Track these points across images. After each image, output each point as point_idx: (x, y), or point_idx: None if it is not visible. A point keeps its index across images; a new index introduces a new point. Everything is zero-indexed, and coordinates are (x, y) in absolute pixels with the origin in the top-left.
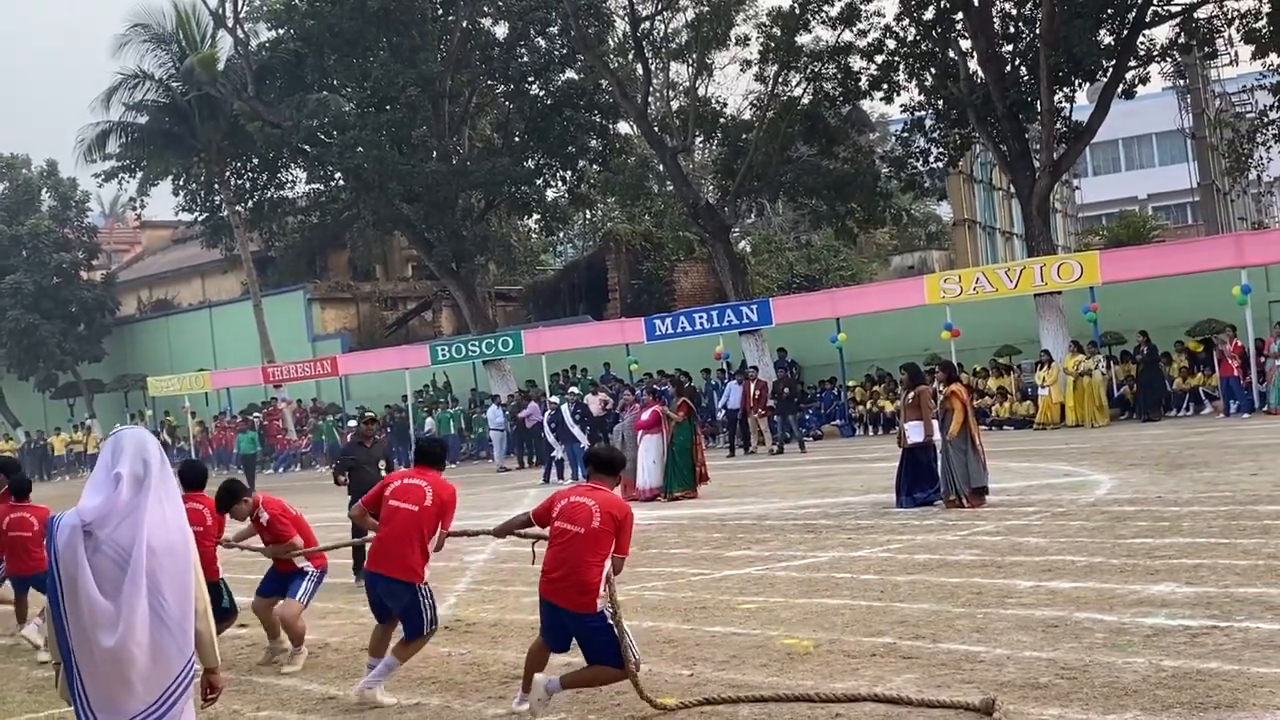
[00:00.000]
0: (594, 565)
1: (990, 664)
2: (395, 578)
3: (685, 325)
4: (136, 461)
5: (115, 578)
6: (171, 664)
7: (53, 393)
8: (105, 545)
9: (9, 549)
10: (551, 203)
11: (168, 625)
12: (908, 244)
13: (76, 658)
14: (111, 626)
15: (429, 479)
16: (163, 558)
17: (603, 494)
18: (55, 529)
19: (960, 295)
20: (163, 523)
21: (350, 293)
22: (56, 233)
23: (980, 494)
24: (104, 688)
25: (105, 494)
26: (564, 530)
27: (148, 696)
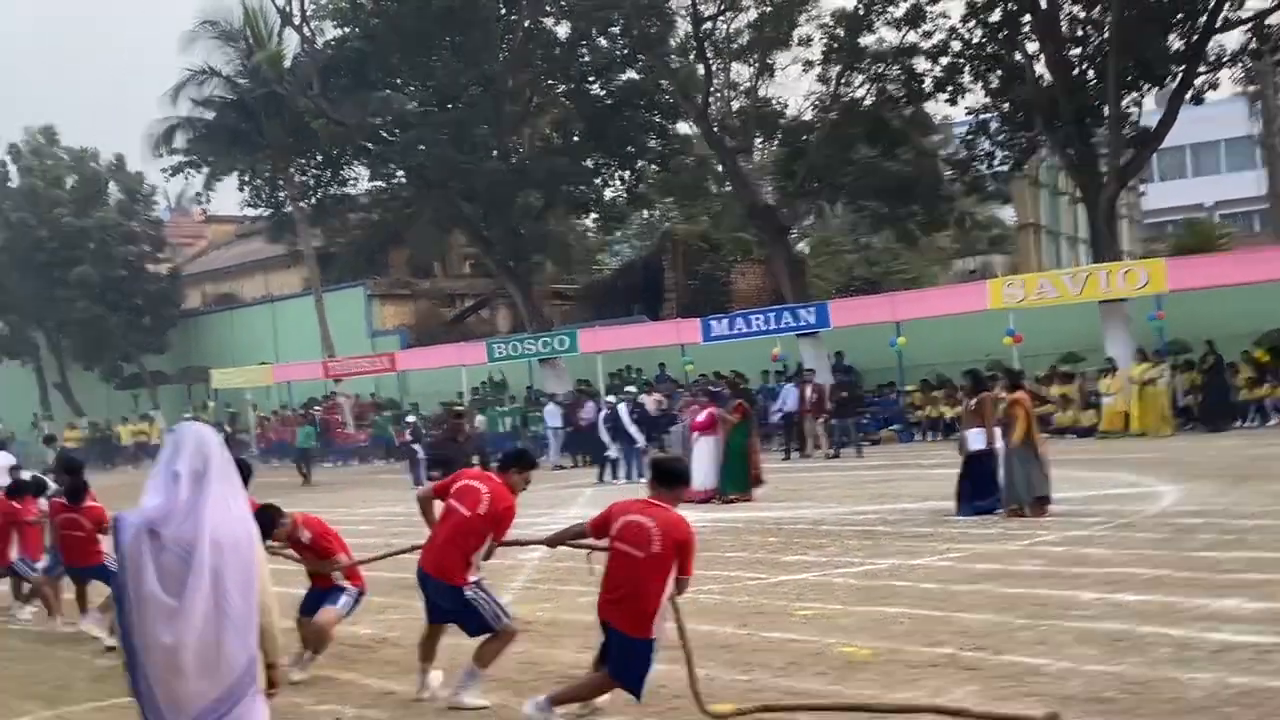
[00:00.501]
0: (654, 593)
1: (1053, 677)
2: (440, 579)
3: (742, 326)
4: (196, 458)
5: (179, 575)
6: (235, 659)
7: (118, 384)
8: (169, 544)
9: (63, 545)
10: (609, 202)
11: (232, 621)
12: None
13: (140, 655)
14: (172, 624)
15: (491, 486)
16: (227, 553)
17: (664, 513)
18: (121, 529)
19: (1023, 300)
20: (226, 518)
21: (409, 289)
22: (124, 226)
23: (1042, 503)
24: (166, 685)
25: (165, 492)
26: (623, 552)
27: (211, 693)
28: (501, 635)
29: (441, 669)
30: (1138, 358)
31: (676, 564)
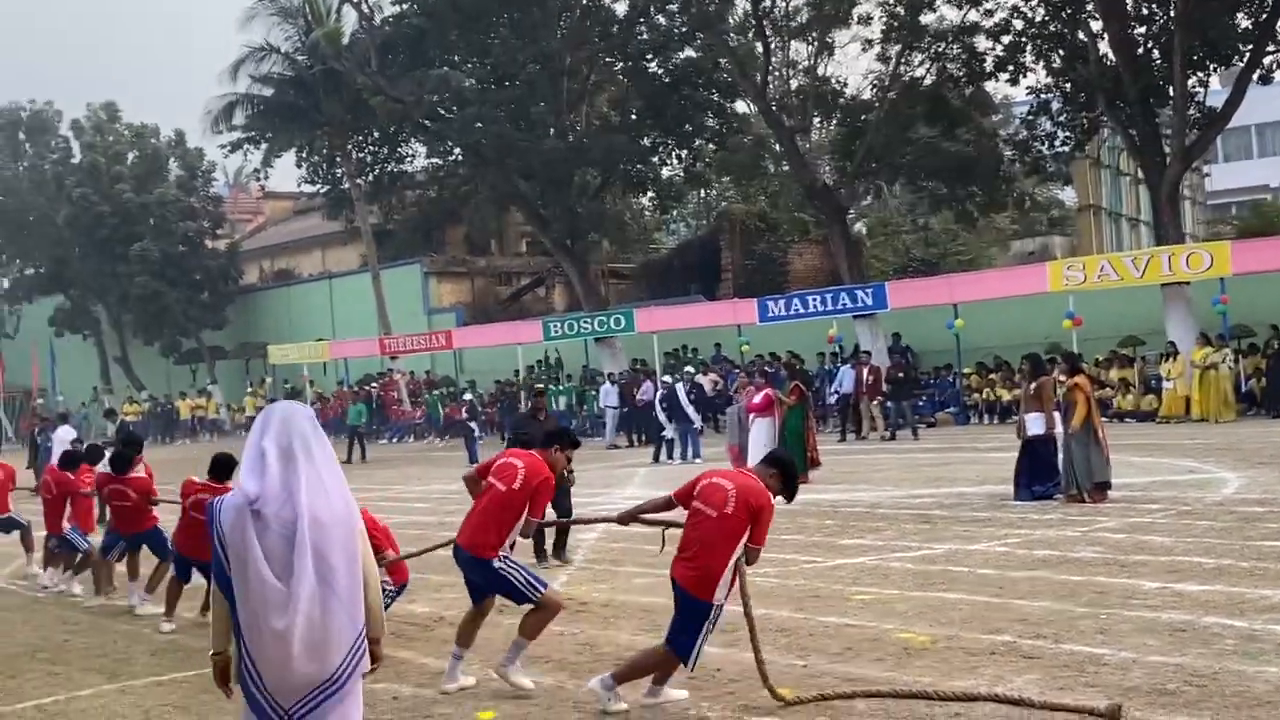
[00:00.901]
0: (722, 555)
1: (1115, 667)
2: (470, 552)
3: (799, 307)
4: (283, 436)
5: (284, 556)
6: (344, 637)
7: (176, 358)
8: (273, 523)
9: (114, 514)
10: (667, 181)
11: (338, 597)
12: (1029, 229)
13: (246, 640)
14: (283, 607)
15: (528, 461)
16: (328, 529)
17: (746, 479)
18: (218, 512)
19: (1084, 283)
20: (322, 493)
21: (466, 267)
22: (183, 201)
23: (1102, 489)
24: (276, 668)
25: (258, 472)
26: (698, 511)
27: (321, 673)
28: (544, 607)
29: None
30: (1200, 342)
31: (749, 530)
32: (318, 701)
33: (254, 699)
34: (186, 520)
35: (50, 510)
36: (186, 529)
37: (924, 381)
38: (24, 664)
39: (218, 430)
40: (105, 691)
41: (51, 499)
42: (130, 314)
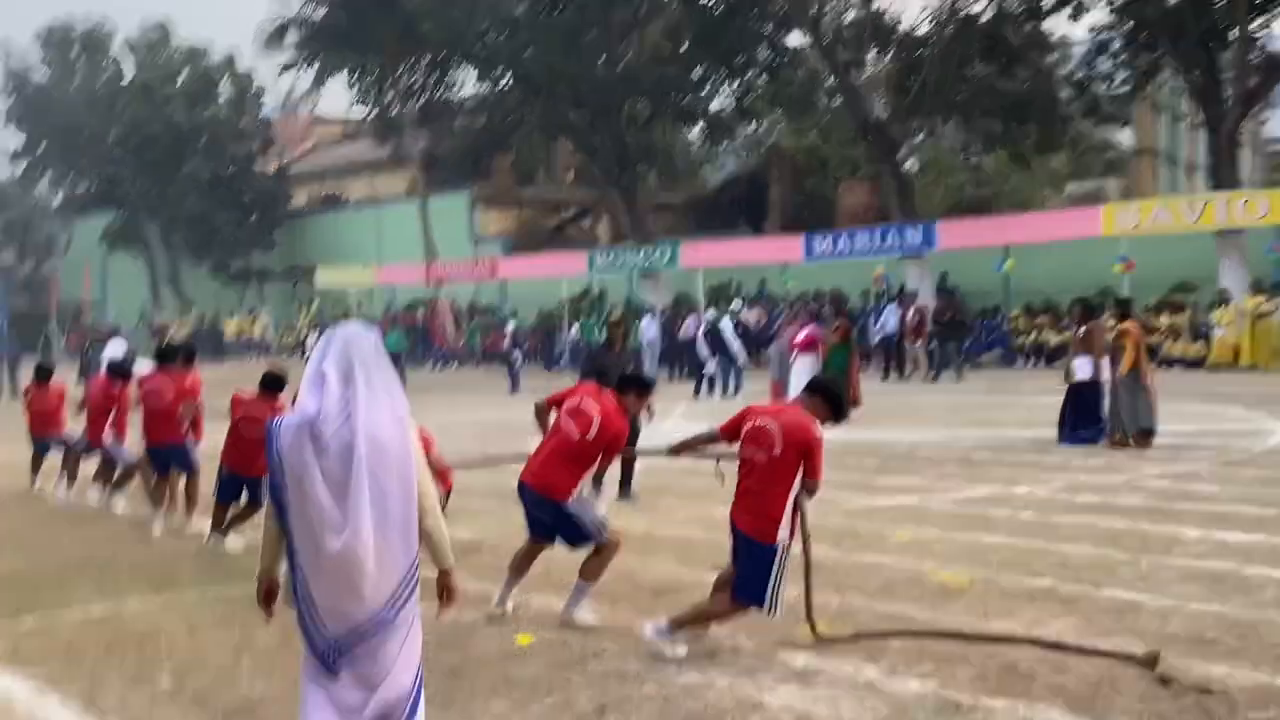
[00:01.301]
0: (778, 496)
1: (1155, 615)
2: (539, 492)
3: (846, 245)
4: (343, 359)
5: (341, 479)
6: (397, 564)
7: (225, 279)
8: (331, 444)
9: (146, 416)
10: (717, 113)
11: (393, 523)
12: (1084, 171)
13: (301, 563)
14: (338, 529)
15: (605, 409)
16: (386, 453)
17: (789, 416)
18: (277, 432)
19: (1137, 228)
20: (381, 417)
21: (513, 196)
22: (233, 123)
23: (1148, 435)
24: (331, 593)
25: (317, 394)
26: (749, 456)
27: (375, 601)
28: (606, 548)
29: (517, 601)
30: (1252, 290)
31: (801, 468)
32: (371, 628)
33: (306, 626)
34: (235, 436)
35: (93, 421)
36: (235, 444)
37: (970, 323)
38: (72, 575)
39: (264, 351)
40: (152, 603)
41: (95, 409)
42: (180, 234)
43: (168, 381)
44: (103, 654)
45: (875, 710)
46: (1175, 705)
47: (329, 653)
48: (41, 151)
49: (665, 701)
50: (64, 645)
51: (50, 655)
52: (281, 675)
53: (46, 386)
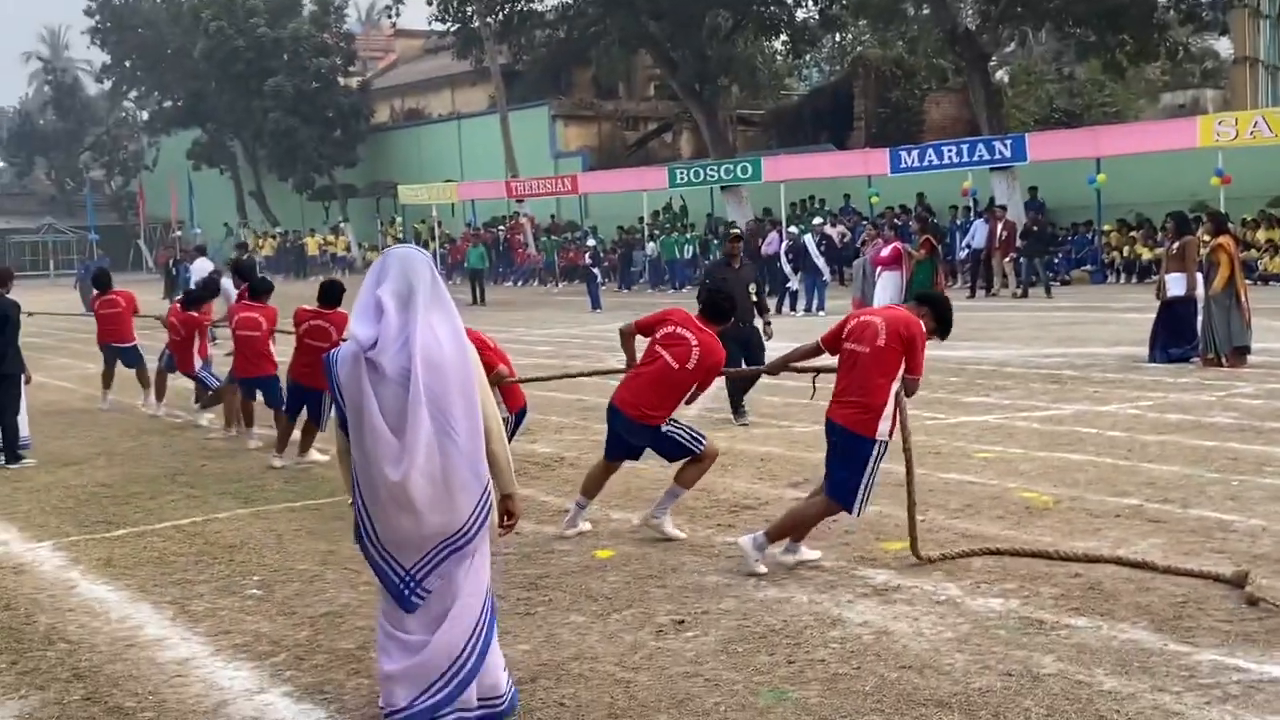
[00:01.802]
0: (881, 386)
1: (1244, 534)
2: (633, 418)
3: (933, 159)
4: (400, 281)
5: (399, 407)
6: (469, 489)
7: (309, 195)
8: (389, 372)
9: (236, 349)
10: (801, 24)
11: (459, 447)
12: (1180, 81)
13: (364, 495)
14: (397, 459)
15: (703, 339)
16: (446, 379)
17: (893, 312)
18: (335, 362)
19: (1235, 139)
20: (436, 341)
21: (593, 110)
22: (316, 37)
23: (1241, 354)
24: (393, 522)
25: (372, 320)
26: (851, 351)
27: (444, 528)
28: (704, 457)
29: (589, 522)
30: None
31: (904, 361)
32: (441, 557)
33: (372, 558)
34: (302, 347)
35: (180, 350)
36: (302, 357)
37: (1061, 238)
38: (164, 486)
39: (349, 267)
40: (240, 515)
41: (180, 340)
42: (265, 149)
43: (257, 313)
44: (193, 563)
45: (956, 628)
46: (1263, 625)
47: (403, 587)
48: (128, 68)
49: (744, 616)
50: (156, 555)
51: (142, 565)
52: (367, 585)
53: (109, 296)
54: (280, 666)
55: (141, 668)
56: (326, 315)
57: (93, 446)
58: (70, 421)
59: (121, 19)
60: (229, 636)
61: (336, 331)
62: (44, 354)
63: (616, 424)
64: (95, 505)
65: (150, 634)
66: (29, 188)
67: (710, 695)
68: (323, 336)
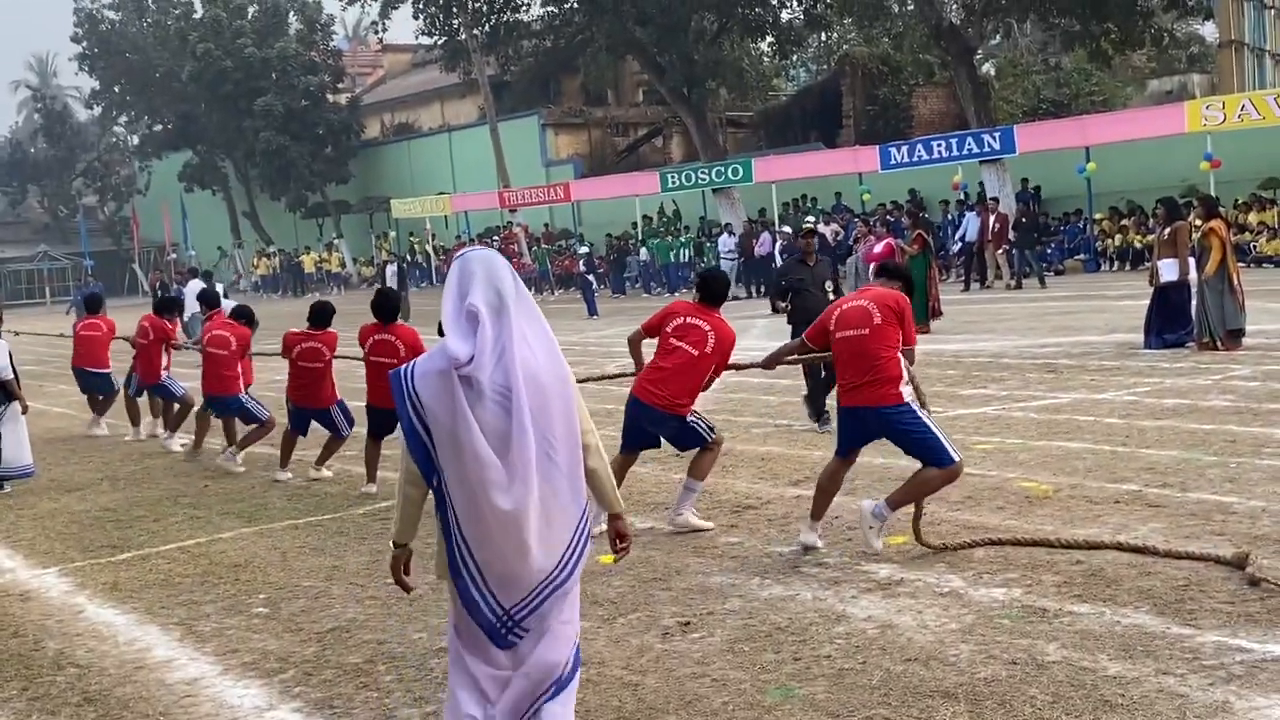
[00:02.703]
0: (890, 359)
1: (1244, 516)
2: (661, 409)
3: (922, 154)
4: (488, 289)
5: (502, 428)
6: (568, 515)
7: (302, 213)
8: (488, 391)
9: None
10: (786, 24)
11: (560, 471)
12: (1167, 67)
13: (464, 528)
14: (506, 485)
15: (712, 322)
16: (545, 393)
17: (873, 290)
18: (412, 380)
19: (1223, 123)
20: (532, 353)
21: (583, 118)
22: (304, 56)
23: (1236, 336)
24: (502, 557)
25: (468, 332)
26: (847, 338)
27: (548, 560)
28: (712, 448)
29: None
30: None
31: (901, 332)
32: (544, 597)
33: (470, 597)
34: (296, 370)
35: (145, 356)
36: (296, 379)
37: (1053, 227)
38: (168, 509)
39: (344, 283)
40: (244, 534)
41: (148, 344)
42: (256, 169)
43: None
44: (198, 584)
45: (960, 618)
46: (1264, 606)
47: (499, 626)
48: (117, 93)
49: (749, 615)
50: (161, 577)
51: (148, 587)
52: (372, 599)
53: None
54: (289, 683)
55: (151, 689)
56: (317, 336)
57: (95, 472)
58: (72, 448)
59: (109, 44)
60: (237, 655)
61: (329, 351)
62: (42, 381)
63: (641, 416)
64: (99, 530)
65: (159, 655)
66: (23, 216)
67: (718, 695)
68: (316, 357)
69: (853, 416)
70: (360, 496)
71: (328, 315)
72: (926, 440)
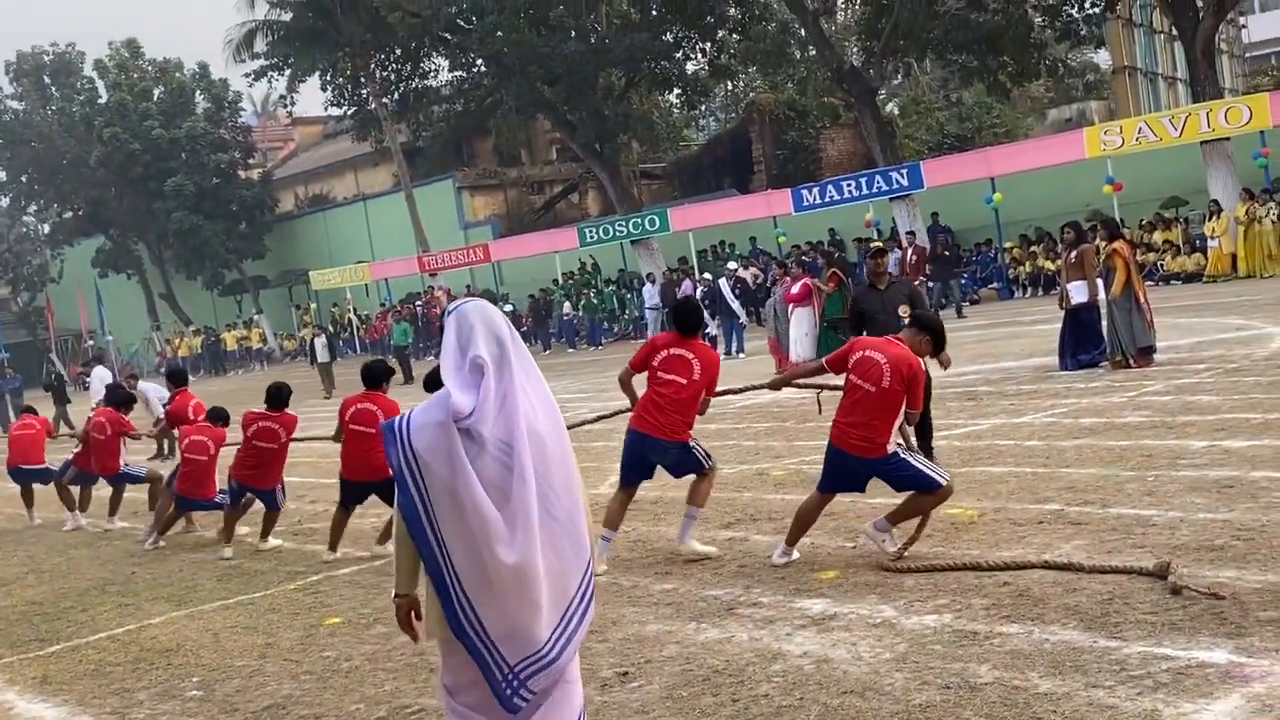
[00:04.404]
0: (885, 425)
1: (1163, 527)
2: (663, 439)
3: (834, 194)
4: (490, 342)
5: (503, 482)
6: (571, 571)
7: (220, 290)
8: (489, 444)
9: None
10: (692, 76)
11: (560, 524)
12: (1064, 96)
13: (464, 583)
14: (509, 539)
15: (694, 350)
16: (544, 446)
17: (896, 349)
18: (405, 432)
19: (1122, 147)
20: (532, 406)
21: (498, 179)
22: (213, 134)
23: (1147, 353)
24: (509, 614)
25: (471, 384)
26: (857, 386)
27: (554, 615)
28: (709, 475)
29: None
30: (1243, 197)
31: (906, 398)
32: (552, 654)
33: (476, 651)
34: (248, 448)
35: (103, 450)
36: (248, 457)
37: (965, 259)
38: (95, 598)
39: (268, 359)
40: (175, 618)
41: (105, 439)
42: (170, 250)
43: (206, 436)
44: (130, 671)
45: (893, 648)
46: (1187, 613)
47: (505, 686)
48: (24, 182)
49: (686, 661)
50: (92, 667)
51: (79, 678)
52: (308, 674)
53: (24, 420)
54: None
55: None
56: (274, 418)
57: (20, 566)
58: None
59: (13, 134)
60: None
61: (285, 434)
62: None
63: (643, 447)
64: (26, 624)
65: None
66: None
67: None
68: (271, 438)
69: (841, 459)
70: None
71: (284, 396)
72: (915, 478)
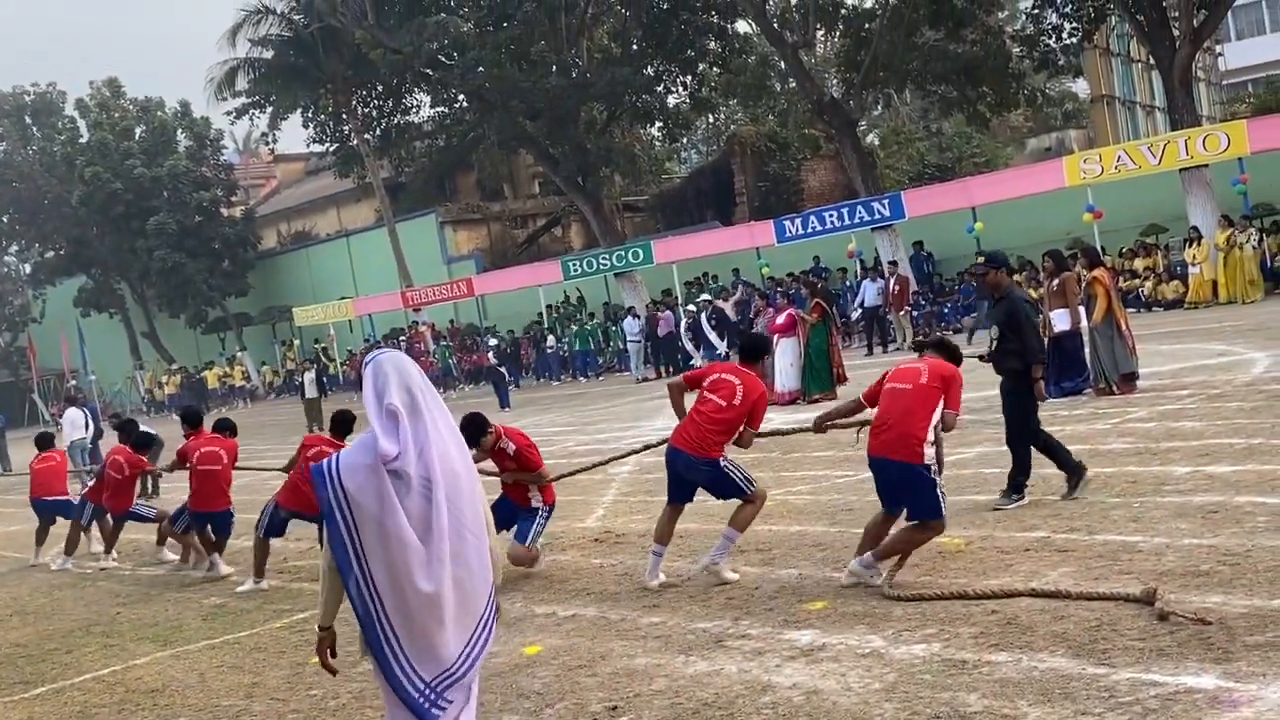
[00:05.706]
0: (921, 419)
1: (1149, 554)
2: (694, 455)
3: (816, 225)
4: (402, 390)
5: (425, 516)
6: (479, 593)
7: (203, 328)
8: (414, 483)
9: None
10: (673, 109)
11: (471, 550)
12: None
13: (386, 609)
14: (427, 569)
15: (743, 378)
16: (458, 480)
17: (933, 360)
18: (336, 474)
19: (1101, 175)
20: (447, 446)
21: (480, 213)
22: (195, 172)
23: (1130, 380)
24: (422, 636)
25: (392, 430)
26: (893, 389)
27: (462, 636)
28: (754, 500)
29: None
30: (1223, 224)
31: (944, 397)
32: (463, 669)
33: (394, 673)
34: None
35: (121, 489)
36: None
37: (948, 288)
38: (79, 639)
39: (250, 396)
40: (160, 658)
41: (123, 479)
42: (153, 288)
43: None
44: (115, 713)
45: (882, 678)
46: (1174, 639)
47: (423, 700)
48: (6, 222)
49: (676, 694)
50: (77, 709)
51: None
52: (294, 713)
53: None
54: None
55: None
56: (218, 440)
57: (3, 607)
58: None
59: None
60: None
61: (228, 456)
62: None
63: (679, 463)
64: (11, 666)
65: None
66: None
67: None
68: (213, 460)
69: (881, 468)
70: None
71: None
72: (934, 502)
